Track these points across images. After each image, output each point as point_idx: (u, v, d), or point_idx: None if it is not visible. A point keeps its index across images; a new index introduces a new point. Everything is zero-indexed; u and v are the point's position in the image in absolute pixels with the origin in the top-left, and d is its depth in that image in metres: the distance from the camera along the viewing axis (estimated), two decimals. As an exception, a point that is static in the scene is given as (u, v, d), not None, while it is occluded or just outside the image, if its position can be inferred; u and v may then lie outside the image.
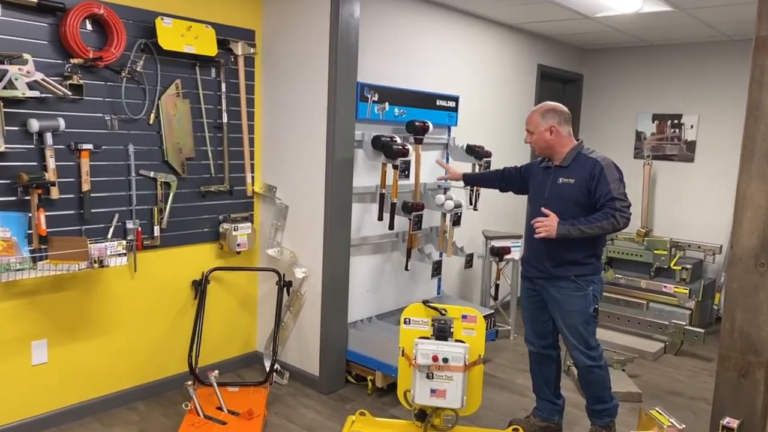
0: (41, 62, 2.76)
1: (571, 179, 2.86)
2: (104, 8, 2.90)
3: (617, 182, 2.78)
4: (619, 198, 2.75)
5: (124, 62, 3.06)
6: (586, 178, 2.81)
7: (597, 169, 2.80)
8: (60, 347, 3.05)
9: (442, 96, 4.16)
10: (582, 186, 2.82)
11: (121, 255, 2.98)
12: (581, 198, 2.83)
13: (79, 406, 3.15)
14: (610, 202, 2.75)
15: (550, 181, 2.95)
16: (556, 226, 2.77)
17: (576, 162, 2.88)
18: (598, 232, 2.78)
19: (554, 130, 2.89)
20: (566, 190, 2.87)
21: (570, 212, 2.81)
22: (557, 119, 2.90)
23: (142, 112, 3.19)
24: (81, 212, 3.00)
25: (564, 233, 2.76)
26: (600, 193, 2.77)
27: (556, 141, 2.91)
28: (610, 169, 2.80)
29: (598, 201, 2.78)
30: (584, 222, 2.76)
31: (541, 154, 3.00)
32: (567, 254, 2.87)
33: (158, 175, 3.30)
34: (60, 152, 2.89)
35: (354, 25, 3.40)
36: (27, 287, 2.89)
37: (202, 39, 3.31)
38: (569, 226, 2.76)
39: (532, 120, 2.94)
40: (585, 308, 2.90)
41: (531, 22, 4.93)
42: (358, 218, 3.73)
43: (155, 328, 3.44)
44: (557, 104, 2.96)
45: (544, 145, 2.93)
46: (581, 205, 2.83)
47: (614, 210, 2.73)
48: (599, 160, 2.84)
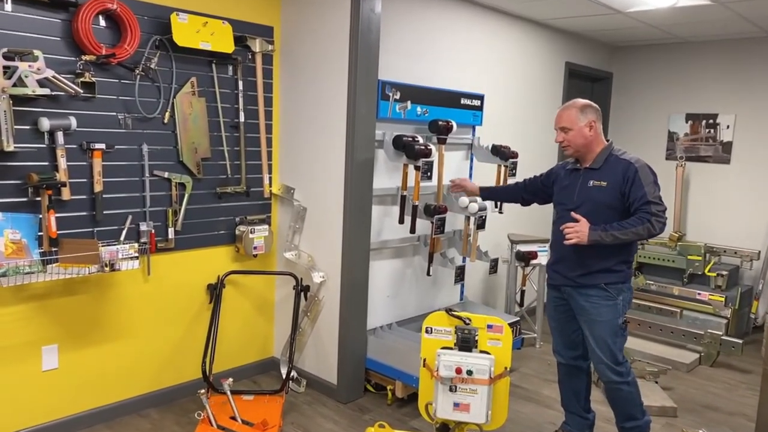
0: (52, 59, 2.68)
1: (603, 182, 2.70)
2: (117, 3, 2.81)
3: (652, 185, 2.63)
4: (655, 202, 2.59)
5: (138, 59, 2.97)
6: (619, 180, 2.65)
7: (631, 171, 2.64)
8: (71, 352, 2.97)
9: (466, 94, 4.01)
10: (615, 189, 2.66)
11: (133, 258, 2.89)
12: (614, 202, 2.67)
13: (90, 413, 3.06)
14: (645, 206, 2.59)
15: (579, 183, 2.78)
16: (588, 232, 2.61)
17: (608, 164, 2.72)
18: (633, 238, 2.62)
19: (594, 126, 2.73)
20: (598, 194, 2.70)
21: (602, 217, 2.65)
22: (596, 115, 2.75)
23: (156, 111, 3.10)
24: (93, 214, 2.92)
25: (596, 240, 2.60)
26: (634, 196, 2.61)
27: (595, 139, 2.75)
28: (644, 171, 2.65)
29: (632, 205, 2.62)
30: (618, 228, 2.60)
31: (575, 154, 2.81)
32: (597, 261, 2.71)
33: (173, 176, 3.21)
34: (72, 152, 2.81)
35: (375, 20, 3.26)
36: (37, 291, 2.81)
37: (218, 35, 3.21)
38: (602, 232, 2.60)
39: (569, 116, 2.74)
40: (614, 319, 2.73)
41: (559, 18, 4.75)
42: (379, 221, 3.60)
43: (169, 333, 3.34)
44: (589, 101, 2.80)
45: (583, 143, 2.74)
46: (614, 210, 2.67)
47: (650, 215, 2.57)
48: (633, 161, 2.68)
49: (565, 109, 2.79)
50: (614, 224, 2.61)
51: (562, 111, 2.80)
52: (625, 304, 2.76)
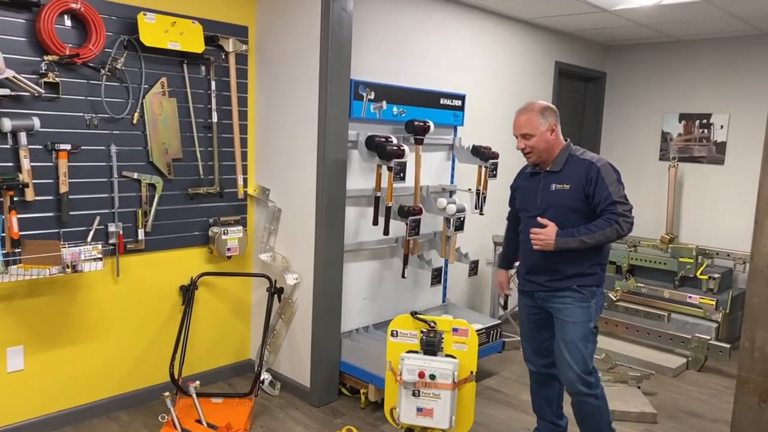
0: (15, 59, 2.67)
1: (565, 185, 2.59)
2: (82, 3, 2.80)
3: (616, 184, 2.54)
4: (621, 201, 2.51)
5: (105, 59, 2.95)
6: (582, 182, 2.56)
7: (593, 171, 2.55)
8: (37, 354, 2.95)
9: (446, 94, 3.96)
10: (578, 191, 2.57)
11: (96, 260, 2.87)
12: (579, 204, 2.58)
13: (57, 414, 3.05)
14: (611, 207, 2.50)
15: (541, 188, 2.67)
16: (554, 237, 2.53)
17: (568, 165, 2.62)
18: (602, 241, 2.54)
19: (555, 129, 2.63)
20: (561, 197, 2.60)
21: (569, 221, 2.56)
22: (555, 117, 2.64)
23: (125, 112, 3.08)
24: (59, 215, 2.90)
25: (563, 245, 2.52)
26: (599, 197, 2.52)
27: (555, 142, 2.64)
28: (606, 169, 2.56)
29: (597, 206, 2.54)
30: (585, 231, 2.52)
31: (538, 160, 2.68)
32: (569, 266, 2.61)
33: (143, 177, 3.19)
34: (36, 152, 2.79)
35: (347, 19, 3.23)
36: (1, 292, 2.80)
37: (188, 35, 3.19)
38: (568, 238, 2.52)
39: (529, 121, 2.61)
40: (586, 321, 2.63)
41: (546, 16, 4.69)
42: (354, 222, 3.55)
43: (140, 335, 3.32)
44: (547, 103, 2.71)
45: (545, 147, 2.63)
46: (579, 213, 2.58)
47: (617, 215, 2.49)
48: (594, 161, 2.58)
49: (523, 114, 2.65)
50: (581, 228, 2.52)
51: (520, 116, 2.66)
52: (598, 308, 2.69)
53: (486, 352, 3.81)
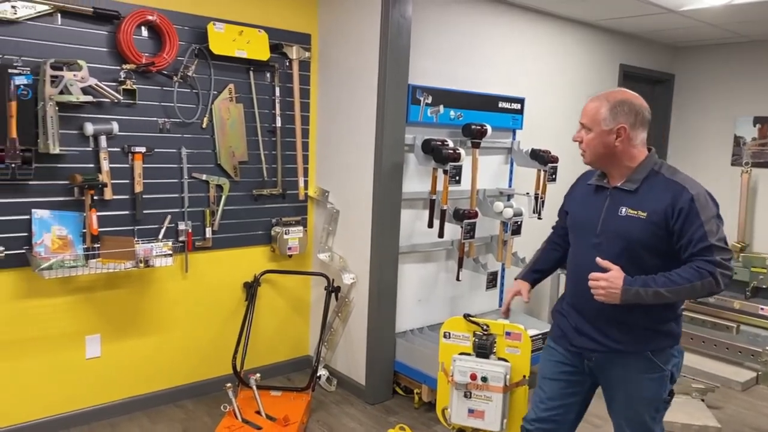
0: (97, 68, 2.89)
1: (641, 212, 1.94)
2: (157, 15, 2.99)
3: (714, 221, 1.89)
4: (720, 246, 1.87)
5: (177, 67, 3.14)
6: (666, 211, 1.90)
7: (684, 199, 1.89)
8: (113, 342, 3.17)
9: (505, 98, 3.96)
10: (659, 223, 1.91)
11: (167, 256, 3.05)
12: (655, 241, 1.93)
13: (129, 400, 3.26)
14: (705, 253, 1.85)
15: (605, 208, 2.03)
16: (622, 287, 1.87)
17: (649, 185, 1.97)
18: (685, 297, 1.92)
19: (624, 133, 1.96)
20: (633, 228, 1.95)
21: (636, 263, 1.94)
22: (633, 119, 1.96)
23: (195, 116, 3.26)
24: (134, 213, 3.11)
25: (633, 299, 1.87)
26: (689, 237, 1.88)
27: (623, 151, 1.98)
28: (703, 200, 1.90)
29: (683, 248, 1.90)
30: (664, 282, 1.86)
31: (593, 164, 2.08)
32: (640, 319, 1.97)
33: (211, 178, 3.36)
34: (114, 155, 3.01)
35: (405, 25, 3.29)
36: (82, 284, 3.02)
37: (254, 43, 3.34)
38: (641, 289, 1.86)
39: (593, 111, 2.00)
40: (659, 394, 2.02)
41: (609, 18, 4.59)
42: (410, 225, 3.61)
43: (206, 328, 3.50)
44: (635, 96, 2.01)
45: (604, 153, 2.00)
46: (654, 253, 1.94)
47: (713, 265, 1.84)
48: (687, 186, 1.92)
49: (593, 100, 2.03)
50: (658, 276, 1.88)
51: (590, 101, 2.05)
52: (676, 371, 2.05)
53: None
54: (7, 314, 2.82)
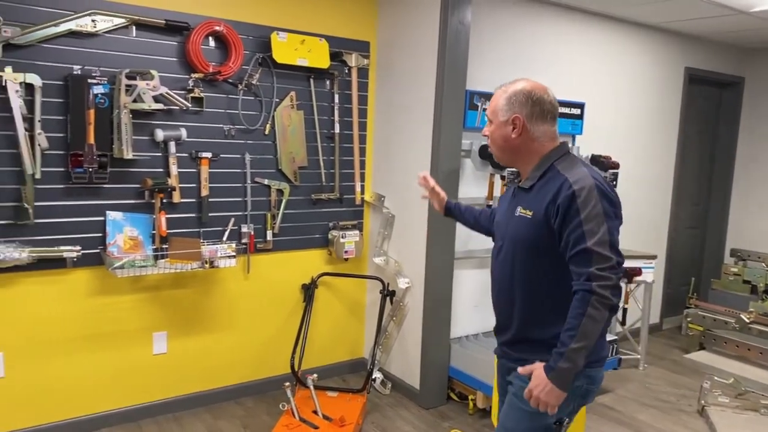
0: (168, 77, 3.03)
1: (529, 211, 1.75)
2: (224, 26, 3.11)
3: (599, 219, 1.61)
4: (598, 252, 1.59)
5: (242, 76, 3.25)
6: (548, 209, 1.69)
7: (564, 193, 1.66)
8: (178, 340, 3.30)
9: (564, 103, 3.90)
10: (541, 222, 1.70)
11: (231, 257, 3.16)
12: (540, 242, 1.72)
13: (193, 396, 3.39)
14: (580, 262, 1.61)
15: (509, 209, 1.87)
16: (547, 380, 1.62)
17: (544, 181, 1.76)
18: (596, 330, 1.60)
19: (519, 124, 1.76)
20: (520, 228, 1.77)
21: (530, 270, 1.75)
22: (527, 109, 1.75)
23: (258, 123, 3.37)
24: (200, 216, 3.24)
25: (567, 376, 1.61)
26: (567, 237, 1.64)
27: (523, 144, 1.78)
28: (587, 195, 1.63)
29: (564, 251, 1.67)
30: (568, 336, 1.60)
31: (500, 160, 1.89)
32: (534, 327, 1.78)
33: (272, 183, 3.46)
34: (182, 160, 3.14)
35: (463, 32, 3.30)
36: (151, 282, 3.17)
37: (315, 52, 3.43)
38: (561, 362, 1.60)
39: (494, 103, 1.82)
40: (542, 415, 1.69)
41: (674, 21, 4.46)
42: (466, 230, 3.54)
43: (266, 328, 3.60)
44: (538, 86, 1.78)
45: (504, 146, 1.81)
46: (546, 256, 1.72)
47: (588, 280, 1.59)
48: (573, 180, 1.67)
49: (497, 90, 1.84)
50: (562, 334, 1.62)
51: (495, 92, 1.85)
52: (575, 396, 1.72)
53: (600, 367, 3.69)
54: (83, 310, 2.99)
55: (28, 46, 2.69)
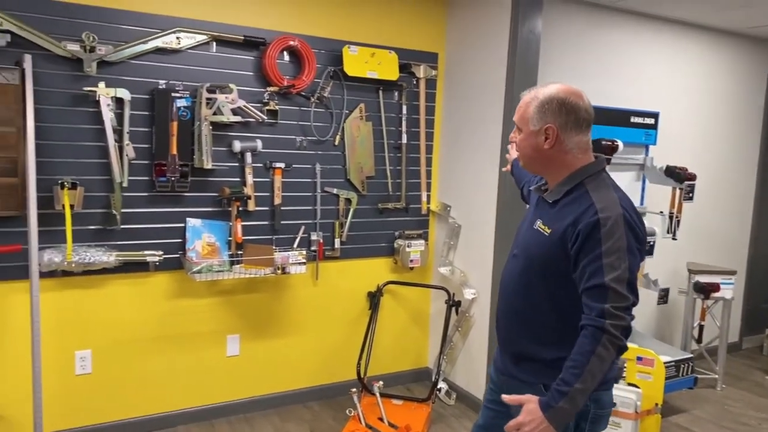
0: (245, 91, 3.17)
1: (548, 227, 1.64)
2: (298, 40, 3.23)
3: (620, 254, 1.49)
4: (614, 289, 1.48)
5: (314, 89, 3.36)
6: (567, 231, 1.58)
7: (588, 221, 1.53)
8: (250, 342, 3.42)
9: (637, 112, 3.80)
10: (557, 243, 1.60)
11: (301, 264, 3.26)
12: (557, 264, 1.60)
13: (263, 398, 3.49)
14: (594, 297, 1.50)
15: (530, 218, 1.77)
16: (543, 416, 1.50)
17: (570, 198, 1.63)
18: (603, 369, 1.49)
19: (552, 135, 1.62)
20: (535, 242, 1.68)
21: (535, 289, 1.67)
22: (562, 118, 1.61)
23: (328, 134, 3.46)
24: (272, 223, 3.35)
25: (565, 418, 1.51)
26: (584, 267, 1.53)
27: (555, 156, 1.65)
28: (612, 226, 1.51)
29: (578, 281, 1.56)
30: (572, 374, 1.49)
31: (529, 169, 1.78)
32: (533, 345, 1.69)
33: (341, 192, 3.54)
34: (257, 170, 3.27)
35: (534, 41, 3.29)
36: (225, 287, 3.31)
37: (384, 64, 3.49)
38: (562, 401, 1.49)
39: (523, 109, 1.68)
40: None
41: (757, 26, 4.26)
42: (534, 241, 3.56)
43: (333, 334, 3.67)
44: (572, 91, 1.64)
45: (534, 157, 1.69)
46: (555, 278, 1.62)
47: (602, 316, 1.47)
48: (599, 206, 1.54)
49: (526, 94, 1.71)
50: (564, 371, 1.50)
51: (523, 96, 1.72)
52: (585, 421, 1.63)
53: (674, 386, 3.55)
54: (163, 312, 3.15)
55: (119, 62, 2.88)
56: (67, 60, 2.77)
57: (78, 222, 2.85)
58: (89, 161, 2.86)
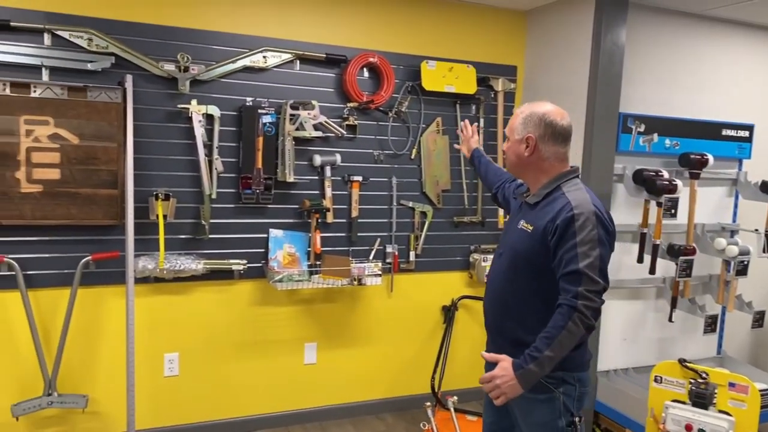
0: (326, 107, 3.26)
1: (529, 225, 1.88)
2: (378, 57, 3.30)
3: (592, 244, 1.73)
4: (587, 275, 1.70)
5: (392, 104, 3.41)
6: (546, 227, 1.81)
7: (564, 216, 1.77)
8: (327, 351, 3.50)
9: (730, 125, 3.62)
10: (538, 239, 1.83)
11: (377, 276, 3.30)
12: (538, 259, 1.83)
13: (338, 407, 3.55)
14: (570, 281, 1.72)
15: (513, 220, 2.03)
16: (514, 375, 1.75)
17: (549, 200, 1.88)
18: (571, 344, 1.73)
19: (531, 143, 1.88)
20: (519, 240, 1.90)
21: (521, 281, 1.89)
22: (540, 130, 1.88)
23: (405, 148, 3.51)
24: (349, 235, 3.42)
25: (533, 378, 1.74)
26: (560, 256, 1.76)
27: (534, 162, 1.91)
28: (584, 221, 1.75)
29: (556, 269, 1.79)
30: (544, 342, 1.73)
31: (513, 173, 2.09)
32: (520, 331, 1.88)
33: (416, 205, 3.57)
34: (336, 183, 3.35)
35: (618, 53, 3.20)
36: (304, 296, 3.40)
37: (462, 78, 3.50)
38: (532, 364, 1.73)
39: (512, 121, 1.97)
40: (553, 420, 1.85)
41: None
42: (616, 258, 3.41)
43: (407, 346, 3.69)
44: (553, 109, 1.91)
45: (516, 162, 1.95)
46: (538, 272, 1.84)
47: (573, 297, 1.70)
48: (574, 204, 1.78)
49: (516, 111, 2.00)
50: (538, 339, 1.74)
51: (514, 112, 2.02)
52: (572, 399, 1.86)
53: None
54: (245, 318, 3.28)
55: (210, 81, 3.05)
56: (163, 79, 2.96)
57: (170, 231, 3.03)
58: (181, 174, 3.04)
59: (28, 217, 2.76)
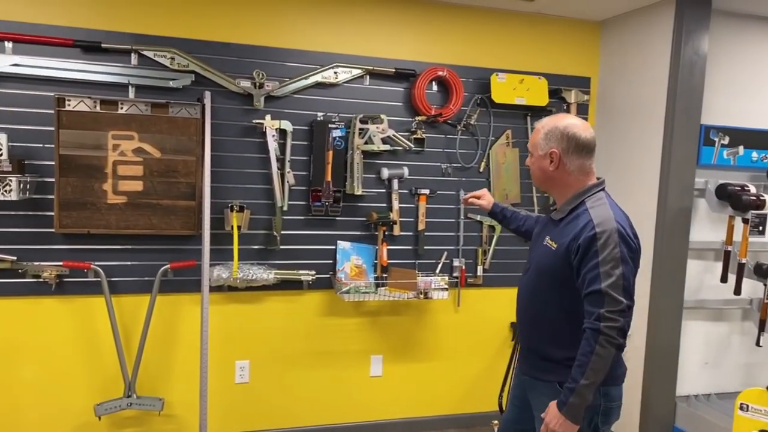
0: (394, 121, 3.29)
1: (554, 242, 1.87)
2: (447, 71, 3.30)
3: (615, 263, 1.70)
4: (610, 295, 1.69)
5: (461, 116, 3.40)
6: (570, 246, 1.80)
7: (586, 235, 1.75)
8: (392, 364, 3.49)
9: (824, 136, 3.37)
10: (562, 257, 1.82)
11: (443, 290, 3.28)
12: (560, 275, 1.84)
13: (403, 421, 3.54)
14: (592, 302, 1.72)
15: (540, 235, 2.02)
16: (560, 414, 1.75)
17: (573, 215, 1.86)
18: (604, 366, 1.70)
19: (555, 158, 1.87)
20: (544, 257, 1.91)
21: (547, 300, 1.89)
22: (564, 144, 1.86)
23: (473, 161, 3.48)
24: (416, 248, 3.42)
25: (578, 411, 1.73)
26: (583, 276, 1.75)
27: (559, 177, 1.90)
28: (607, 239, 1.73)
29: (580, 288, 1.78)
30: (578, 372, 1.72)
31: (540, 188, 2.12)
32: (552, 347, 1.90)
33: (484, 219, 3.53)
34: (403, 196, 3.37)
35: (699, 63, 3.06)
36: (370, 308, 3.42)
37: (533, 90, 3.45)
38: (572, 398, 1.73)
39: (534, 137, 1.96)
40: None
41: None
42: (697, 277, 3.28)
43: (473, 362, 3.63)
44: (575, 122, 1.89)
45: (542, 178, 1.96)
46: (561, 285, 1.84)
47: (597, 320, 1.69)
48: (596, 222, 1.76)
49: (537, 126, 1.98)
50: (573, 369, 1.74)
51: (535, 127, 2.00)
52: (596, 413, 1.82)
53: None
54: (313, 328, 3.33)
55: (284, 97, 3.14)
56: (239, 95, 3.07)
57: (243, 242, 3.12)
58: (255, 187, 3.13)
59: (113, 227, 2.92)
